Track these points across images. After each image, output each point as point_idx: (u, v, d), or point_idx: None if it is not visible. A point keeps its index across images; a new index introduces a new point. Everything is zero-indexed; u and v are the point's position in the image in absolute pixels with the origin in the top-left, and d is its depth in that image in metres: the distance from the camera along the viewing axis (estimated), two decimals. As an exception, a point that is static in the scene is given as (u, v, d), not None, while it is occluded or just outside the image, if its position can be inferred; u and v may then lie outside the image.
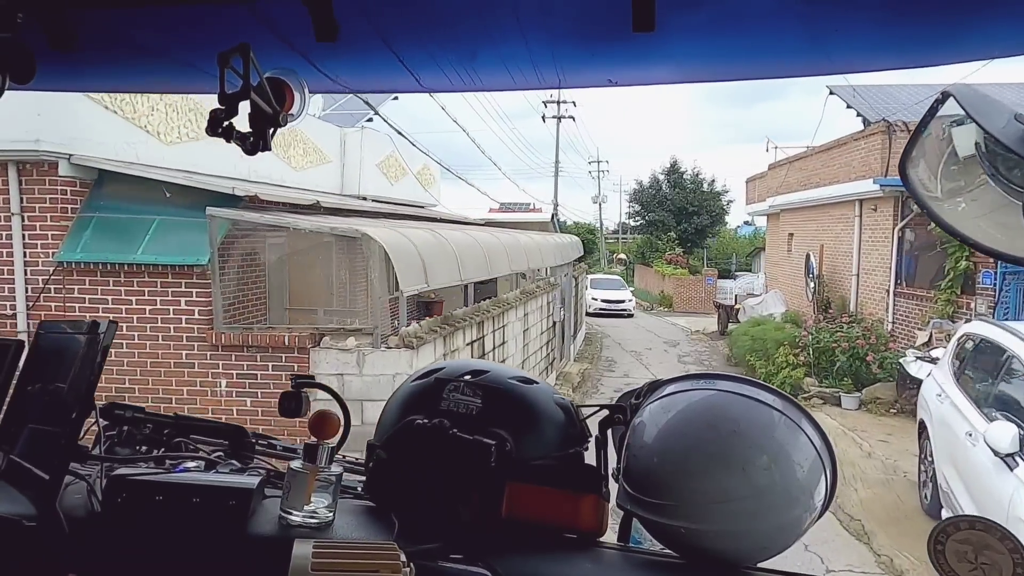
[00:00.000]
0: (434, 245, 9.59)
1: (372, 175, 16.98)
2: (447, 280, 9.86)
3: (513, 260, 13.28)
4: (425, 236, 9.65)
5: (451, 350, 9.34)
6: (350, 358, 7.93)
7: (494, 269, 12.09)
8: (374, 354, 7.92)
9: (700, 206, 47.65)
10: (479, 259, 11.17)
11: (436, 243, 9.76)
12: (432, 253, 9.18)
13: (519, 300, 13.59)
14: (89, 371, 1.39)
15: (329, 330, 8.42)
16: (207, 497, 1.32)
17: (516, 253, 13.76)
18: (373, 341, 8.03)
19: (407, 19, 1.36)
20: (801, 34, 1.34)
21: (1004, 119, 0.98)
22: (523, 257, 14.25)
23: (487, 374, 1.47)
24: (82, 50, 1.38)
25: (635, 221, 53.31)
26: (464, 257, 10.27)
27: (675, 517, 1.25)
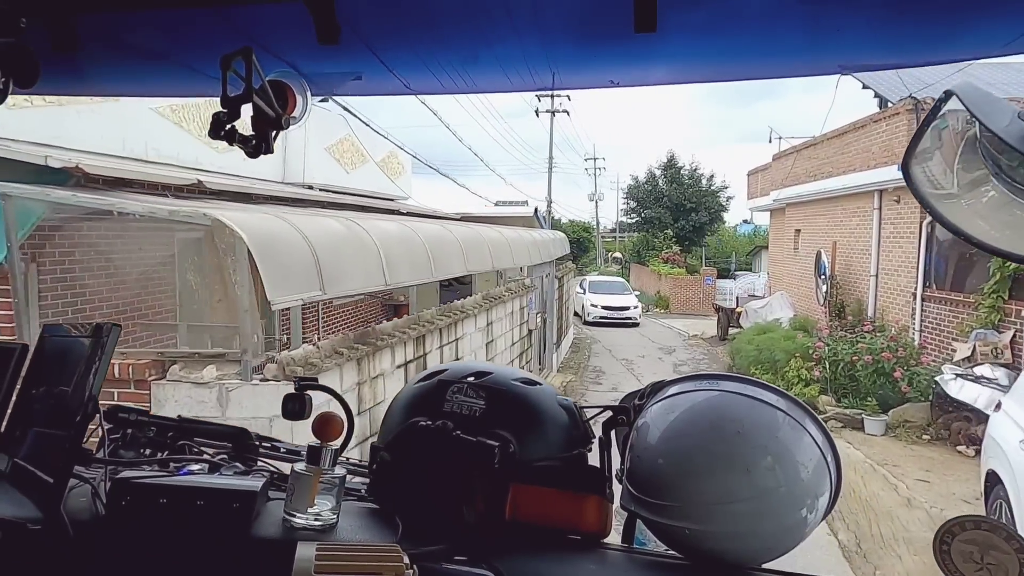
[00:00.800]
0: (348, 240, 7.37)
1: (321, 161, 14.55)
2: (362, 285, 7.72)
3: (472, 259, 11.01)
4: (336, 229, 7.46)
5: (370, 376, 7.17)
6: (208, 394, 5.48)
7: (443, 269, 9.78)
8: (242, 388, 5.49)
9: (698, 202, 45.53)
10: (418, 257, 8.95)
11: (351, 238, 7.48)
12: (338, 250, 6.89)
13: (479, 307, 11.50)
14: (93, 374, 1.39)
15: (182, 355, 5.88)
16: (211, 500, 1.32)
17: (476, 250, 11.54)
18: (241, 371, 5.58)
19: (409, 21, 1.37)
20: (801, 33, 1.34)
21: (1007, 117, 0.98)
22: (485, 255, 11.98)
23: (490, 375, 1.47)
24: (85, 54, 1.39)
25: (631, 218, 50.88)
26: (394, 256, 7.97)
27: (679, 518, 1.25)
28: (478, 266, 11.62)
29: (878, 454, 11.01)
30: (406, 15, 1.35)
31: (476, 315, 11.31)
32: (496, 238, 13.19)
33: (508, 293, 13.59)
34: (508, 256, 13.49)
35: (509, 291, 13.79)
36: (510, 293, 13.77)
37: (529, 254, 15.28)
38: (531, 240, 16.01)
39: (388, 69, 1.53)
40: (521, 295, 14.70)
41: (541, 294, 17.15)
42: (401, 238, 8.83)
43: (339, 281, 6.71)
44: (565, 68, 1.55)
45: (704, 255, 44.09)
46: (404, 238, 8.97)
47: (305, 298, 6.32)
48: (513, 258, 13.88)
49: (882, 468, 10.23)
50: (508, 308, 13.58)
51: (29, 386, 1.58)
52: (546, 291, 18.07)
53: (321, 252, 6.34)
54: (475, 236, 12.00)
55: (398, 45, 1.44)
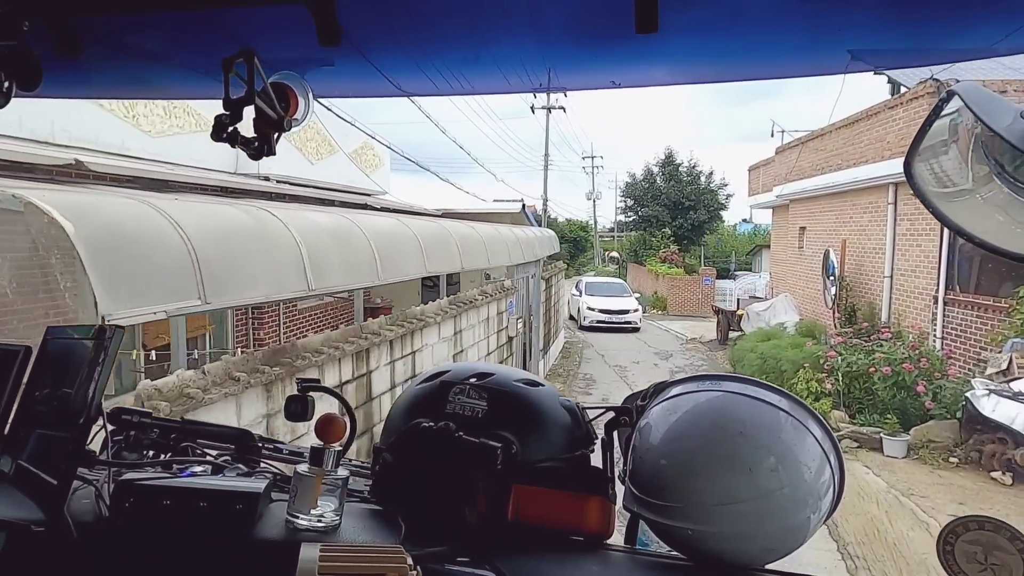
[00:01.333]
0: (254, 235, 5.79)
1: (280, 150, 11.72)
2: (271, 291, 5.73)
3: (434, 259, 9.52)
4: (236, 221, 5.82)
5: (277, 409, 5.58)
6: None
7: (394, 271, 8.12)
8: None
9: (697, 200, 44.11)
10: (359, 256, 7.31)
11: (260, 232, 5.89)
12: (235, 247, 5.39)
13: (443, 314, 10.02)
14: (96, 376, 1.39)
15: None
16: (214, 501, 1.32)
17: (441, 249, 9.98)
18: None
19: (409, 24, 1.37)
20: (803, 32, 1.34)
21: (1010, 117, 0.98)
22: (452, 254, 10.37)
23: (492, 376, 1.48)
24: (88, 57, 1.39)
25: (627, 216, 49.30)
26: (323, 254, 6.48)
27: (681, 519, 1.25)
28: (442, 267, 10.11)
29: (902, 482, 9.83)
30: (407, 17, 1.35)
31: (440, 323, 9.86)
32: (469, 235, 11.66)
33: (482, 297, 12.18)
34: (482, 255, 11.97)
35: (484, 294, 12.37)
36: (485, 297, 12.33)
37: (509, 253, 13.76)
38: (512, 238, 14.50)
39: (389, 70, 1.54)
40: (499, 298, 13.24)
41: (526, 296, 16.07)
42: (337, 233, 7.19)
43: (233, 287, 5.14)
44: (566, 69, 1.56)
45: (703, 254, 43.43)
46: (343, 234, 7.29)
47: (172, 310, 4.52)
48: (488, 257, 12.31)
49: (909, 500, 9.20)
50: (482, 313, 12.21)
51: (32, 388, 1.59)
52: (531, 293, 16.89)
53: (204, 249, 4.86)
54: (439, 233, 10.42)
55: (399, 47, 1.45)
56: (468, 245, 11.28)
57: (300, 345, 6.53)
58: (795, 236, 21.84)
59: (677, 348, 23.32)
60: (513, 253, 14.14)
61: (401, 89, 1.63)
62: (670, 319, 31.51)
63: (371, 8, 1.31)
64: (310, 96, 1.42)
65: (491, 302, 12.69)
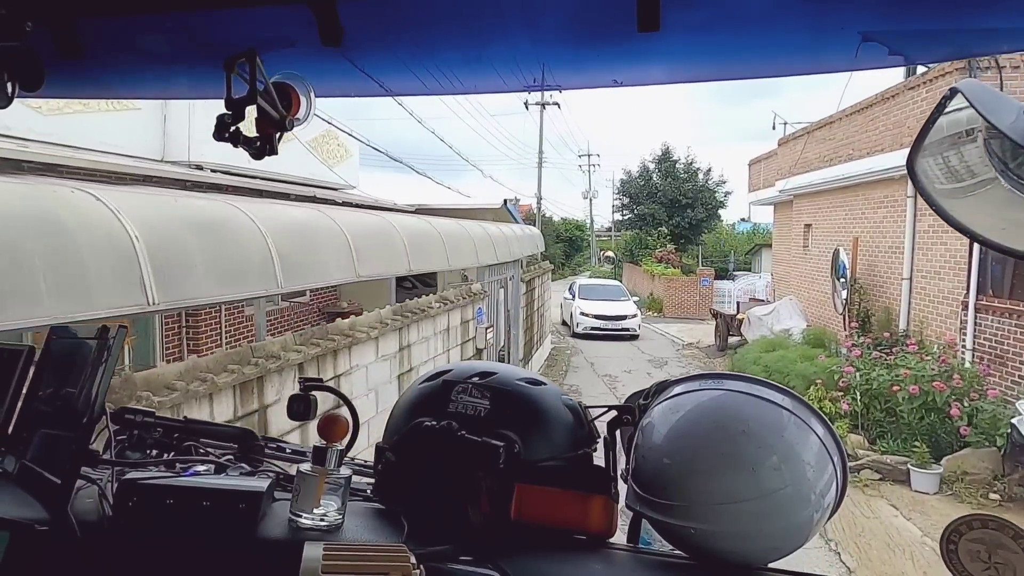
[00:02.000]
0: (45, 230, 3.98)
1: None
2: (79, 307, 3.90)
3: (368, 261, 7.70)
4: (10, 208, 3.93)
5: None
6: None
7: (303, 277, 6.44)
8: None
9: (695, 198, 42.80)
10: (246, 257, 5.49)
11: (53, 226, 4.06)
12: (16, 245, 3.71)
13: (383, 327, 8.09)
14: (99, 376, 1.40)
15: None
16: (217, 500, 1.33)
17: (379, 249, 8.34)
18: None
19: (411, 23, 1.37)
20: (806, 31, 1.34)
21: (1013, 115, 0.98)
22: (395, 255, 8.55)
23: (495, 375, 1.48)
24: (90, 57, 1.40)
25: (623, 215, 47.95)
26: (180, 256, 4.78)
27: (684, 518, 1.25)
28: (379, 269, 8.13)
29: (937, 527, 7.52)
30: (408, 17, 1.35)
31: (378, 338, 7.97)
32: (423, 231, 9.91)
33: (440, 304, 10.41)
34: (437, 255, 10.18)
35: (443, 301, 10.62)
36: (444, 304, 10.58)
37: (477, 252, 12.06)
38: (483, 235, 12.81)
39: (391, 70, 1.54)
40: (464, 304, 11.54)
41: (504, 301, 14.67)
42: (209, 226, 5.24)
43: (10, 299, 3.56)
44: (566, 67, 1.56)
45: (701, 254, 41.63)
46: (224, 226, 5.42)
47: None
48: (448, 257, 10.62)
49: (942, 548, 7.70)
50: (439, 323, 10.42)
51: (36, 388, 1.59)
52: (511, 297, 15.39)
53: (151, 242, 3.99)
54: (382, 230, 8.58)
55: (401, 47, 1.45)
56: (422, 243, 9.46)
57: (159, 376, 4.68)
58: (800, 234, 20.23)
59: (673, 355, 21.91)
60: (483, 253, 12.45)
61: (403, 89, 1.63)
62: (666, 322, 29.99)
63: (373, 7, 1.32)
64: (312, 96, 1.42)
65: (453, 309, 11.03)
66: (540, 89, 1.63)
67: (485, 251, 12.67)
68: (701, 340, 23.41)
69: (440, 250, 10.29)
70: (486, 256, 12.77)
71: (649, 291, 35.65)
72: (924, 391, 10.27)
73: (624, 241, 48.51)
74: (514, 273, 15.69)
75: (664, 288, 33.70)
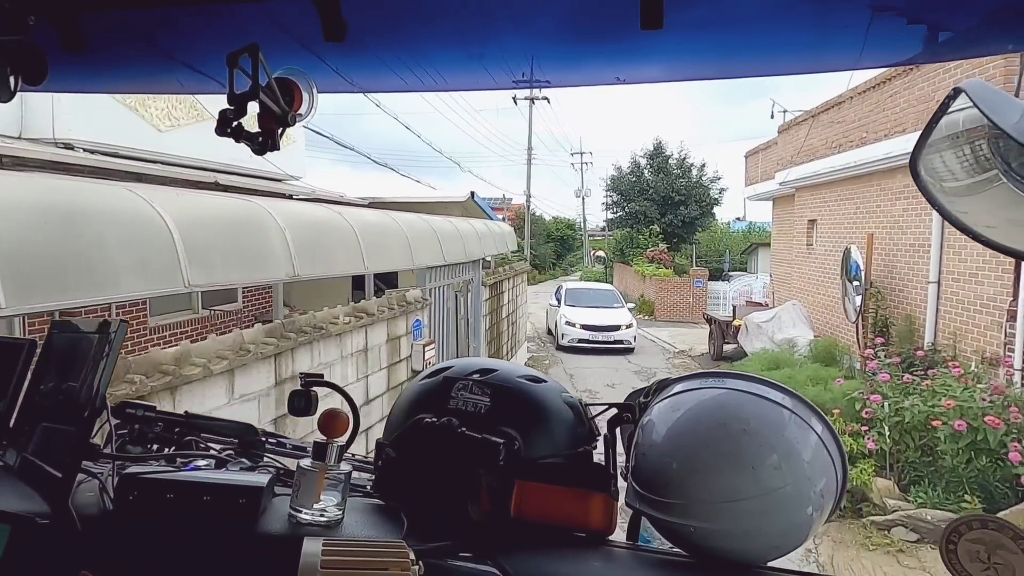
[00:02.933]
0: None
1: (97, 109, 8.94)
2: None
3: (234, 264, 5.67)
4: None
5: None
6: None
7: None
8: None
9: (688, 195, 39.77)
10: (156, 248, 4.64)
11: None
12: None
13: (240, 358, 5.68)
14: (100, 370, 1.40)
15: None
16: (217, 495, 1.33)
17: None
18: None
19: (415, 18, 1.37)
20: (809, 30, 1.34)
21: (1017, 115, 0.98)
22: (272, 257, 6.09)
23: (495, 372, 1.48)
24: (93, 52, 1.40)
25: (613, 213, 44.17)
26: None
27: (684, 516, 1.25)
28: (250, 275, 6.01)
29: None
30: (411, 13, 1.36)
31: (235, 369, 5.64)
32: (337, 225, 7.61)
33: (353, 319, 7.82)
34: (356, 256, 7.69)
35: (357, 315, 7.99)
36: (357, 318, 7.94)
37: (411, 251, 9.29)
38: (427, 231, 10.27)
39: (394, 66, 1.54)
40: (392, 317, 8.98)
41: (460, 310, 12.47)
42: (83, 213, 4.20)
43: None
44: (570, 65, 1.56)
45: (694, 254, 39.37)
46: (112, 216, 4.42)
47: None
48: (365, 259, 7.83)
49: None
50: (351, 343, 7.82)
51: (37, 382, 1.60)
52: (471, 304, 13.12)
53: None
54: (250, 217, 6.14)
55: (403, 43, 1.45)
56: (334, 243, 7.29)
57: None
58: (803, 231, 17.96)
59: (662, 364, 19.51)
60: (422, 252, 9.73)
61: (404, 85, 1.63)
62: (657, 325, 27.41)
63: (376, 3, 1.32)
64: (314, 91, 1.42)
65: (374, 324, 8.42)
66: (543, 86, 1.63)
67: (426, 249, 9.93)
68: (694, 347, 21.45)
69: (352, 250, 7.69)
70: (428, 255, 9.95)
71: (640, 293, 33.11)
72: (973, 427, 7.89)
73: (615, 240, 45.49)
74: (474, 276, 13.28)
75: (655, 290, 31.13)
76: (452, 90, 1.72)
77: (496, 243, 14.92)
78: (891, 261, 12.95)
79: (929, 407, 8.40)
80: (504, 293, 16.77)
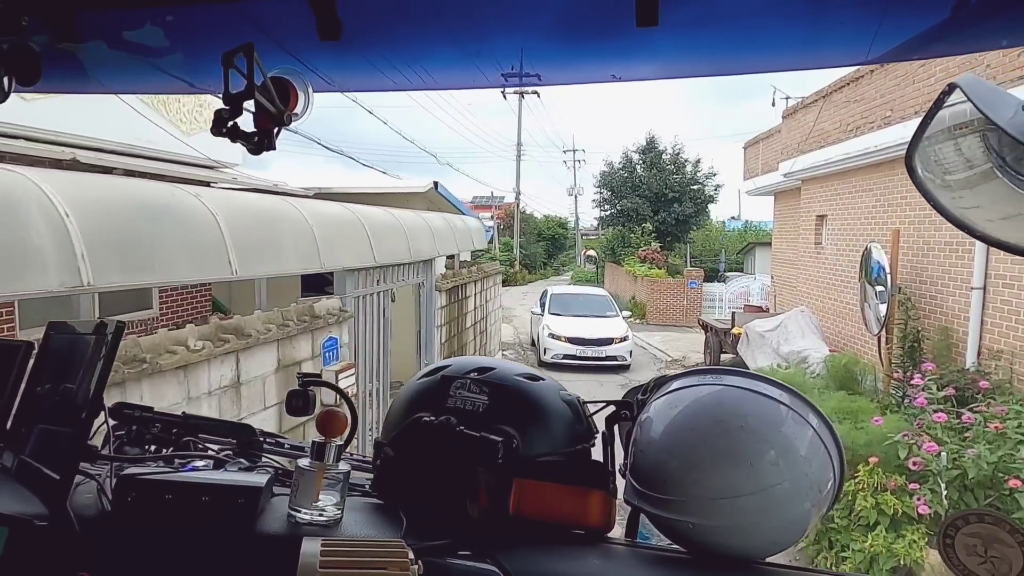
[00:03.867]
0: None
1: None
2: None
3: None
4: None
5: None
6: None
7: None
8: None
9: (682, 191, 38.11)
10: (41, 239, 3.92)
11: None
12: None
13: None
14: (97, 371, 1.40)
15: None
16: (216, 496, 1.33)
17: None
18: None
19: (411, 17, 1.37)
20: (806, 26, 1.35)
21: (1012, 110, 0.98)
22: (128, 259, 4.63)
23: (493, 371, 1.48)
24: (87, 52, 1.40)
25: (604, 210, 41.86)
26: None
27: (682, 513, 1.26)
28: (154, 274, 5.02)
29: None
30: (406, 13, 1.35)
31: None
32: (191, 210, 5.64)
33: (220, 342, 5.90)
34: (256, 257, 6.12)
35: (224, 337, 5.98)
36: (226, 342, 5.95)
37: (320, 254, 7.09)
38: (352, 222, 8.18)
39: (390, 65, 1.54)
40: (292, 335, 7.01)
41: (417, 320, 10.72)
42: None
43: None
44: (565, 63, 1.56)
45: (688, 253, 37.28)
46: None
47: None
48: (236, 264, 5.76)
49: None
50: (218, 375, 5.90)
51: (34, 383, 1.59)
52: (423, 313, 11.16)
53: None
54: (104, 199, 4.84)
55: (400, 41, 1.45)
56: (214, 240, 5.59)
57: None
58: (810, 228, 15.90)
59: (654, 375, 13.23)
60: (337, 250, 7.49)
61: (400, 84, 1.63)
62: (649, 330, 25.28)
63: (372, 2, 1.32)
64: (310, 91, 1.42)
65: (254, 348, 6.35)
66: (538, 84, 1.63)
67: (343, 248, 7.73)
68: (688, 355, 19.73)
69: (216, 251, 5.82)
70: (344, 255, 7.72)
71: (631, 294, 31.24)
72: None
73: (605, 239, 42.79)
74: (426, 279, 11.14)
75: (647, 291, 28.84)
76: (447, 89, 1.72)
77: (459, 240, 12.57)
78: (922, 262, 10.73)
79: (998, 460, 6.17)
80: (469, 298, 14.34)
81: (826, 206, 15.04)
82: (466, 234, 13.27)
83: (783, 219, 19.68)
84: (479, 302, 15.43)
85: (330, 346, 7.89)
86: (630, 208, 38.56)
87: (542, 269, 53.71)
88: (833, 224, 14.75)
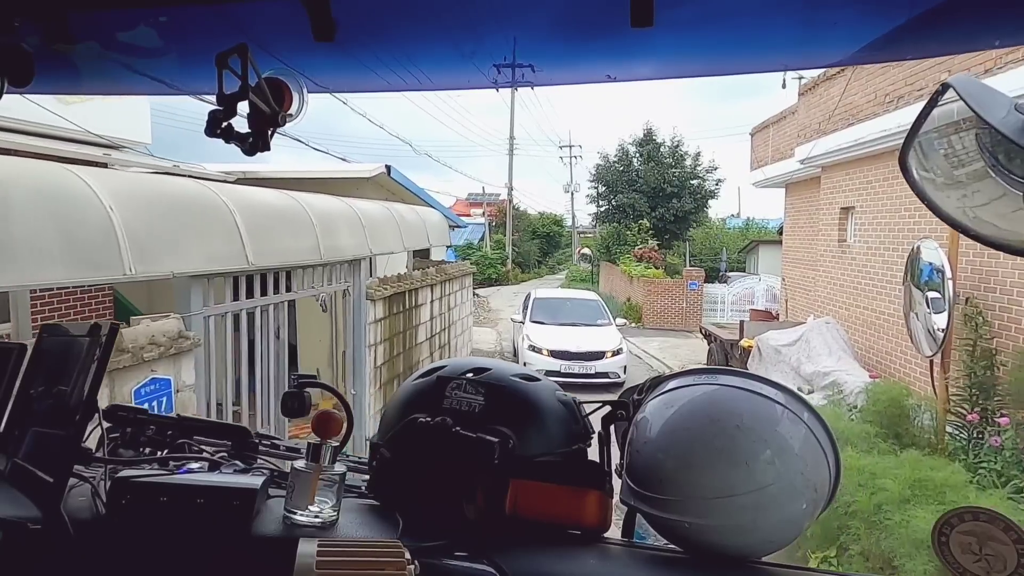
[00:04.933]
0: None
1: None
2: None
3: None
4: None
5: None
6: None
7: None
8: None
9: (681, 186, 36.12)
10: None
11: None
12: None
13: None
14: (91, 373, 1.39)
15: None
16: (211, 498, 1.33)
17: None
18: None
19: (404, 18, 1.37)
20: (800, 27, 1.35)
21: (1004, 109, 0.99)
22: None
23: (489, 371, 1.48)
24: (80, 53, 1.40)
25: (599, 206, 39.72)
26: None
27: (678, 512, 1.26)
28: None
29: None
30: (399, 13, 1.36)
31: None
32: None
33: None
34: (99, 262, 4.56)
35: None
36: None
37: (120, 249, 4.67)
38: (215, 205, 6.07)
39: (383, 66, 1.54)
40: None
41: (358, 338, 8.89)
42: None
43: None
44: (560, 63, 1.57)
45: (688, 252, 35.24)
46: None
47: None
48: (24, 270, 4.02)
49: None
50: None
51: (28, 386, 1.58)
52: (351, 327, 8.95)
53: None
54: None
55: (394, 42, 1.45)
56: None
57: None
58: (832, 223, 13.42)
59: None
60: (179, 250, 5.43)
61: (395, 84, 1.63)
62: (645, 334, 23.03)
63: (366, 3, 1.32)
64: (304, 91, 1.42)
65: None
66: (533, 84, 1.64)
67: (192, 243, 5.62)
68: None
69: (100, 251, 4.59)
70: (190, 256, 5.54)
71: (626, 296, 28.98)
72: None
73: (600, 237, 40.25)
74: (353, 285, 8.93)
75: (644, 292, 26.22)
76: (442, 89, 1.72)
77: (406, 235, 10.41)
78: (991, 265, 8.31)
79: None
80: (422, 307, 11.90)
81: (853, 196, 12.43)
82: (418, 228, 11.04)
83: (796, 213, 17.21)
84: (438, 310, 13.05)
85: (160, 388, 5.22)
86: (626, 204, 36.61)
87: (536, 268, 52.65)
88: (862, 217, 12.19)
